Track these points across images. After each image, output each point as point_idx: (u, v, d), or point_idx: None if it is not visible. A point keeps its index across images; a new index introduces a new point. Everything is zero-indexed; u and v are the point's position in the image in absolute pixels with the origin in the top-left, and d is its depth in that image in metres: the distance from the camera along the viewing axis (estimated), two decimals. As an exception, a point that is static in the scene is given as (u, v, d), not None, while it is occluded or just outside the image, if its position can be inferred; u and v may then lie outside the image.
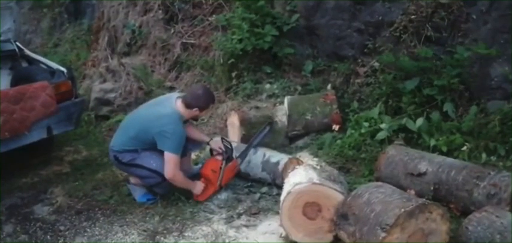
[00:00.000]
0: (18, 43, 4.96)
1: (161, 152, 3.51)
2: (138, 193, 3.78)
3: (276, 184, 3.83)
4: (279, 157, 3.91)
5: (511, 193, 2.94)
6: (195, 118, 3.78)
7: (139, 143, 3.59)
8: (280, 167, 3.80)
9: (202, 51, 6.23)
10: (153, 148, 3.57)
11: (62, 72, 4.54)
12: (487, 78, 4.16)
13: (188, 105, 3.56)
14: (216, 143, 3.86)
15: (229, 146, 3.80)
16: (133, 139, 3.59)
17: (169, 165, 3.46)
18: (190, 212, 3.59)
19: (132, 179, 3.81)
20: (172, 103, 3.59)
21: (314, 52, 5.41)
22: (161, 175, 3.54)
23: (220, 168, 3.71)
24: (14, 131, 3.92)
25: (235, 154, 3.88)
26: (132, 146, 3.59)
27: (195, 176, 4.02)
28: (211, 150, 3.92)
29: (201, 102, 3.59)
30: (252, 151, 4.01)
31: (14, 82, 4.57)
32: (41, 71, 4.61)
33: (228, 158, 3.76)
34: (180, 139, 3.49)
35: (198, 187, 3.70)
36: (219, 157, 3.79)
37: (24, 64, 4.88)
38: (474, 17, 4.28)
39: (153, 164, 3.55)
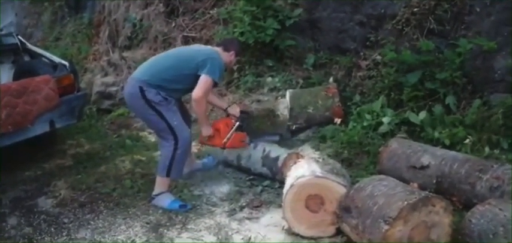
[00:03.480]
0: (20, 37, 4.96)
1: (184, 118, 3.61)
2: (166, 201, 3.58)
3: (276, 179, 3.84)
4: (278, 152, 3.90)
5: (514, 185, 2.94)
6: (228, 66, 3.92)
7: (173, 74, 3.50)
8: (280, 163, 3.79)
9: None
10: (181, 96, 3.71)
11: (64, 65, 4.55)
12: (490, 71, 4.15)
13: (226, 49, 3.77)
14: (234, 109, 4.00)
15: (246, 117, 3.90)
16: (168, 69, 3.52)
17: (203, 86, 3.46)
18: (192, 205, 3.60)
19: (157, 188, 3.66)
20: (208, 47, 3.88)
21: (316, 45, 5.41)
22: (175, 139, 3.48)
23: (232, 128, 3.80)
24: (17, 125, 3.94)
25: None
26: (162, 79, 3.47)
27: (199, 170, 4.04)
28: (227, 115, 4.00)
29: (237, 46, 3.87)
30: (252, 145, 4.02)
31: (17, 76, 4.58)
32: (43, 65, 4.61)
33: (240, 127, 3.84)
34: (221, 69, 3.62)
35: (207, 129, 3.75)
36: (234, 121, 3.87)
37: (27, 58, 4.89)
38: (477, 9, 4.27)
39: (174, 121, 3.49)
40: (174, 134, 3.49)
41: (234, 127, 3.82)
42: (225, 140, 3.79)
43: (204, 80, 3.47)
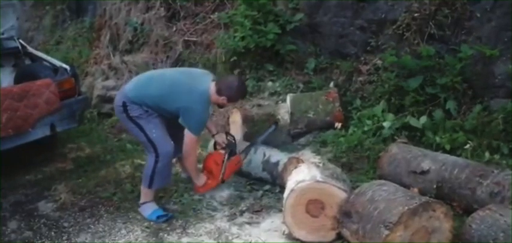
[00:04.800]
0: (21, 41, 4.97)
1: (165, 128, 3.48)
2: (148, 211, 3.57)
3: (276, 183, 3.84)
4: (279, 157, 3.90)
5: (514, 191, 2.94)
6: (221, 106, 3.72)
7: (157, 104, 3.42)
8: (280, 167, 3.79)
9: (204, 49, 6.23)
10: (163, 115, 3.47)
11: (65, 69, 4.55)
12: (490, 76, 4.16)
13: (218, 91, 3.43)
14: (221, 137, 3.86)
15: (233, 141, 3.80)
16: (155, 96, 3.41)
17: (189, 144, 3.43)
18: (193, 209, 3.61)
19: (142, 197, 3.63)
20: (207, 82, 3.47)
21: (316, 50, 5.41)
22: (156, 151, 3.42)
23: (223, 161, 3.71)
24: (18, 129, 3.94)
25: (238, 149, 3.88)
26: (147, 104, 3.41)
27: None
28: (215, 144, 3.92)
29: (232, 93, 3.47)
30: (252, 149, 4.01)
31: (18, 80, 4.59)
32: (44, 68, 4.62)
33: (231, 153, 3.76)
34: (203, 122, 3.49)
35: (200, 179, 3.69)
36: (222, 151, 3.78)
37: (28, 62, 4.89)
38: (478, 14, 4.28)
39: (153, 134, 3.42)
40: (154, 147, 3.43)
41: (225, 160, 3.70)
42: (220, 176, 3.70)
43: (188, 137, 3.41)
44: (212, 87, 3.45)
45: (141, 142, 3.60)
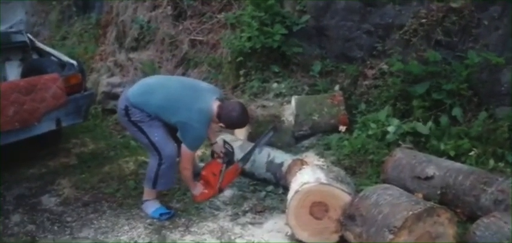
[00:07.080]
0: (29, 35, 4.99)
1: (167, 130, 3.47)
2: (151, 208, 3.58)
3: (280, 184, 3.83)
4: (283, 158, 3.89)
5: (519, 199, 2.94)
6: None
7: (156, 114, 3.42)
8: (284, 168, 3.78)
9: (210, 48, 6.24)
10: (164, 121, 3.46)
11: (72, 64, 4.56)
12: (496, 83, 4.15)
13: (218, 115, 3.39)
14: (218, 146, 3.81)
15: (231, 150, 3.74)
16: (155, 106, 3.40)
17: (184, 159, 3.45)
18: (196, 208, 3.61)
19: (144, 195, 3.65)
20: (209, 100, 3.40)
21: (323, 52, 5.41)
22: (158, 152, 3.43)
23: (221, 171, 3.67)
24: (24, 122, 3.95)
25: (237, 156, 3.82)
26: (148, 110, 3.41)
27: (199, 175, 4.02)
28: (212, 152, 3.86)
29: (229, 123, 3.46)
30: (256, 150, 3.98)
31: (25, 74, 4.60)
32: (51, 63, 4.63)
33: (229, 162, 3.70)
34: (200, 140, 3.47)
35: (197, 188, 3.67)
36: (220, 160, 3.73)
37: (35, 56, 4.91)
38: (485, 22, 4.28)
39: (155, 137, 3.42)
40: (157, 150, 3.43)
41: (223, 170, 3.66)
42: (218, 185, 3.67)
43: (184, 153, 3.41)
44: (214, 106, 3.39)
45: (143, 145, 3.61)
